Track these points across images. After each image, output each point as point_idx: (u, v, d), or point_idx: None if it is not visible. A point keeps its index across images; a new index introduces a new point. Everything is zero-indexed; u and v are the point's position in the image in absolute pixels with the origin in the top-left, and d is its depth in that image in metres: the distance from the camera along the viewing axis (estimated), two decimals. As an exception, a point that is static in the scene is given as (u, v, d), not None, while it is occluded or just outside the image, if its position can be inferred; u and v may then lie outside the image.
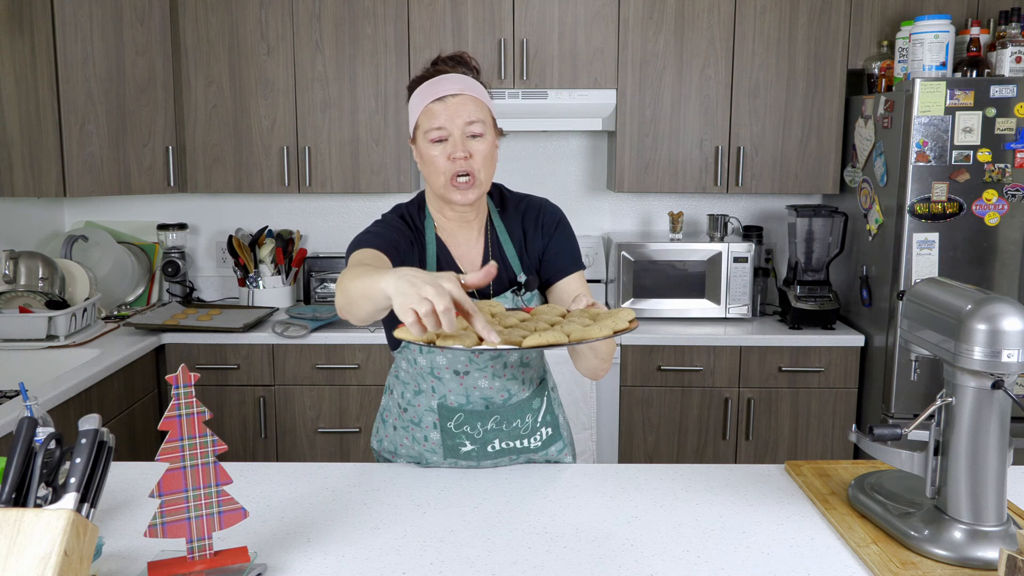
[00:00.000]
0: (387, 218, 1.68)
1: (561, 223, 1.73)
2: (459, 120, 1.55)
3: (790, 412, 3.17)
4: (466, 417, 1.69)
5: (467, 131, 1.56)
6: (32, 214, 3.44)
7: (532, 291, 1.69)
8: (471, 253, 1.69)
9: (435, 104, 1.55)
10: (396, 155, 3.32)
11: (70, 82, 3.06)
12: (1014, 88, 2.74)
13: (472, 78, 1.61)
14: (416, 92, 1.61)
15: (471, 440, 1.71)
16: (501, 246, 1.70)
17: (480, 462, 1.74)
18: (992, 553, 1.32)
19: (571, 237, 1.73)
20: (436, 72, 1.60)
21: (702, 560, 1.38)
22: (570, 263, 1.70)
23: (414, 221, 1.68)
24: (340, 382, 3.15)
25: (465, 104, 1.56)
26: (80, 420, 1.21)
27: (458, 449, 1.72)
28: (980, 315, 1.31)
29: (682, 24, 3.24)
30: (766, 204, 3.68)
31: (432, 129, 1.56)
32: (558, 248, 1.70)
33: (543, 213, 1.73)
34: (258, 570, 1.31)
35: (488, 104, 1.61)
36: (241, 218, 3.71)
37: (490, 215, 1.72)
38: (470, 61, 1.64)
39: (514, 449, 1.75)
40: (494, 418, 1.70)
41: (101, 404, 2.65)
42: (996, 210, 2.81)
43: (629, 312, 1.34)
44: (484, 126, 1.58)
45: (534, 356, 1.72)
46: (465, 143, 1.56)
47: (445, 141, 1.56)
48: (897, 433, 1.44)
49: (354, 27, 3.26)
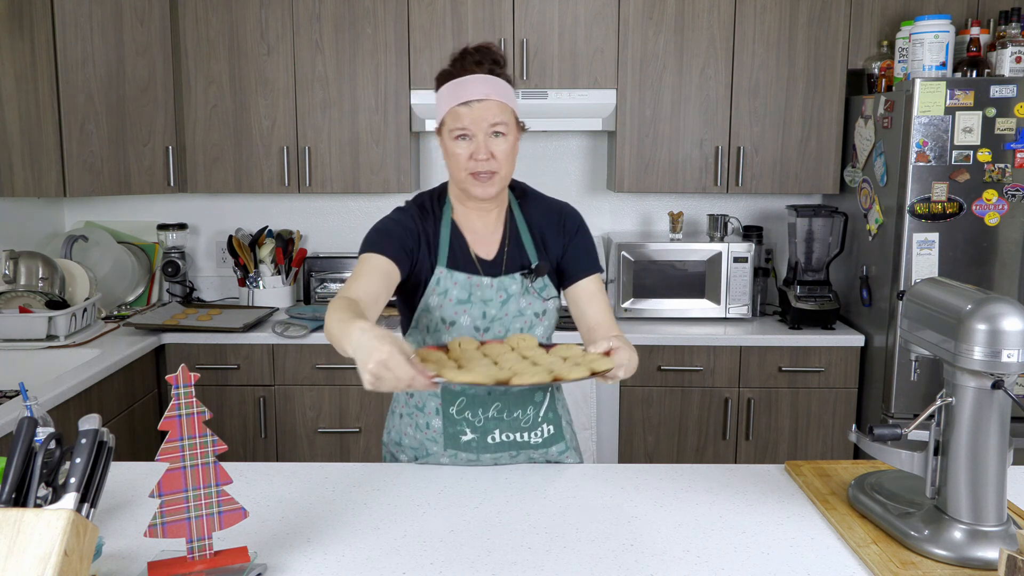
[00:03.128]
0: (404, 209, 1.73)
1: (581, 227, 1.78)
2: (483, 124, 1.61)
3: (790, 412, 3.17)
4: (468, 402, 1.71)
5: (490, 131, 1.62)
6: (32, 214, 3.44)
7: (542, 276, 1.71)
8: (487, 239, 1.73)
9: (461, 107, 1.61)
10: (396, 155, 3.32)
11: (70, 82, 3.06)
12: (1014, 88, 2.74)
13: (498, 75, 1.66)
14: (444, 88, 1.65)
15: (471, 428, 1.72)
16: (519, 233, 1.74)
17: (480, 455, 1.74)
18: (992, 553, 1.32)
19: (590, 241, 1.78)
20: (463, 71, 1.64)
21: (702, 560, 1.38)
22: (588, 266, 1.75)
23: (432, 209, 1.73)
24: (340, 382, 3.15)
25: (489, 108, 1.61)
26: (80, 420, 1.21)
27: (458, 438, 1.73)
28: (980, 315, 1.31)
29: (682, 24, 3.24)
30: (766, 204, 3.68)
31: (457, 128, 1.62)
32: (577, 251, 1.75)
33: (565, 217, 1.78)
34: (258, 570, 1.31)
35: (511, 104, 1.66)
36: (241, 218, 3.71)
37: (510, 206, 1.76)
38: (496, 53, 1.68)
39: (514, 443, 1.75)
40: (495, 405, 1.72)
41: (101, 404, 2.65)
42: (996, 210, 2.81)
43: (609, 362, 1.44)
44: (507, 126, 1.63)
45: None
46: (488, 143, 1.62)
47: (469, 138, 1.62)
48: (897, 433, 1.44)
49: (354, 27, 3.26)
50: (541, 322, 1.72)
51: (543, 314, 1.72)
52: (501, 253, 1.72)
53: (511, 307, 1.69)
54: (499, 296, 1.69)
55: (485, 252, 1.72)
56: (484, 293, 1.68)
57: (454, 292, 1.67)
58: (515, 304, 1.69)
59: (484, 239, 1.73)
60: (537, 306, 1.71)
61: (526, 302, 1.70)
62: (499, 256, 1.72)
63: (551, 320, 1.74)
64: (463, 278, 1.68)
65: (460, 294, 1.68)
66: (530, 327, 1.71)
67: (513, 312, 1.69)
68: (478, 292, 1.68)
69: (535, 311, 1.71)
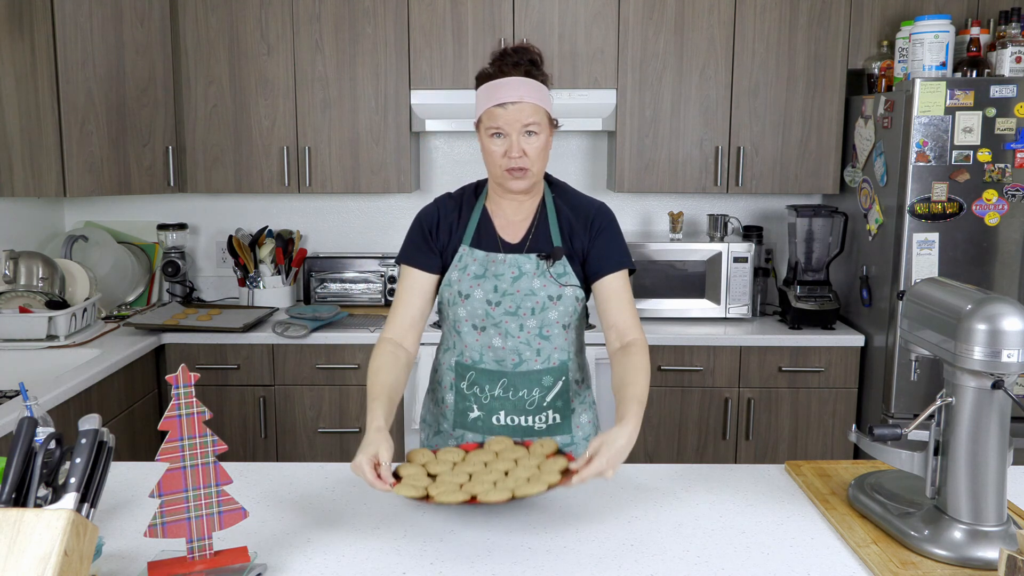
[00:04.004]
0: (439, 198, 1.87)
1: (610, 225, 1.81)
2: (517, 124, 1.69)
3: (790, 412, 3.17)
4: (477, 376, 1.80)
5: (523, 131, 1.69)
6: (32, 214, 3.44)
7: (559, 259, 1.76)
8: (516, 225, 1.81)
9: (496, 108, 1.69)
10: (396, 155, 3.32)
11: (70, 82, 3.06)
12: (1014, 88, 2.74)
13: (536, 76, 1.72)
14: (482, 88, 1.73)
15: (479, 405, 1.80)
16: (547, 222, 1.80)
17: (485, 436, 1.80)
18: (992, 553, 1.32)
19: (618, 239, 1.81)
20: (501, 72, 1.71)
21: (702, 560, 1.38)
22: (612, 263, 1.77)
23: (468, 196, 1.85)
24: (340, 382, 3.15)
25: (523, 110, 1.68)
26: (80, 420, 1.21)
27: (467, 415, 1.82)
28: (980, 315, 1.31)
29: (682, 24, 3.24)
30: (766, 204, 3.68)
31: (492, 127, 1.70)
32: (602, 248, 1.78)
33: (595, 213, 1.82)
34: (258, 570, 1.31)
35: (545, 104, 1.73)
36: (241, 218, 3.71)
37: (544, 197, 1.83)
38: (534, 53, 1.74)
39: (518, 428, 1.79)
40: (502, 382, 1.78)
41: (101, 404, 2.65)
42: (996, 210, 2.81)
43: (563, 462, 1.51)
44: (539, 125, 1.71)
45: (556, 333, 1.78)
46: (521, 141, 1.69)
47: (503, 136, 1.70)
48: (897, 433, 1.44)
49: (354, 27, 3.26)
50: (555, 306, 1.76)
51: (558, 299, 1.75)
52: (527, 237, 1.80)
53: (522, 284, 1.75)
54: (511, 272, 1.76)
55: (511, 236, 1.80)
56: (498, 268, 1.76)
57: (472, 267, 1.78)
58: (527, 283, 1.75)
59: (513, 224, 1.81)
60: (552, 289, 1.75)
61: (540, 283, 1.75)
62: (524, 240, 1.80)
63: (567, 307, 1.77)
64: (482, 255, 1.78)
65: (477, 269, 1.78)
66: (542, 308, 1.75)
67: (525, 290, 1.75)
68: (493, 267, 1.77)
69: (549, 294, 1.75)
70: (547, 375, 1.79)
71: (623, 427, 1.52)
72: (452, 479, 1.50)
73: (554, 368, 1.79)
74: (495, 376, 1.79)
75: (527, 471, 1.50)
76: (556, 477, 1.45)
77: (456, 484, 1.48)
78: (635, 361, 1.66)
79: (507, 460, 1.57)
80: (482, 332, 1.78)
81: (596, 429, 1.90)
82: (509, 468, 1.54)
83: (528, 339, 1.77)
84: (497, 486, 1.45)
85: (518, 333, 1.76)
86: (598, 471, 1.45)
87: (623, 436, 1.50)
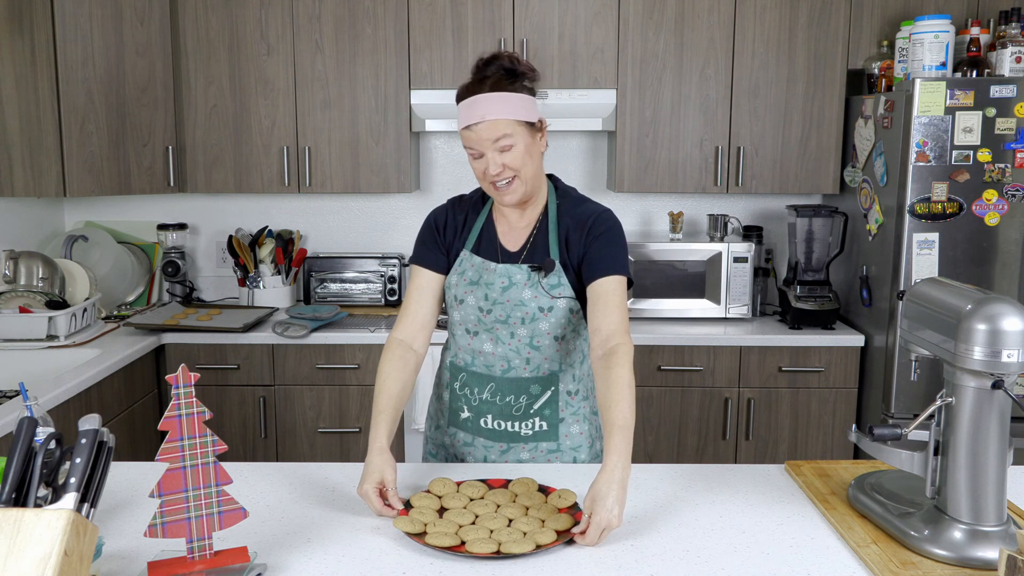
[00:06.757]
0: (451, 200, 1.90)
1: (609, 231, 1.76)
2: (487, 143, 1.68)
3: (790, 412, 3.17)
4: (468, 378, 1.83)
5: (495, 147, 1.68)
6: (32, 214, 3.44)
7: (551, 271, 1.74)
8: (518, 233, 1.82)
9: (466, 131, 1.69)
10: (396, 155, 3.32)
11: (70, 82, 3.06)
12: (1014, 88, 2.74)
13: (503, 87, 1.68)
14: (459, 107, 1.72)
15: (468, 406, 1.83)
16: (547, 232, 1.79)
17: (475, 438, 1.83)
18: (992, 553, 1.32)
19: (614, 244, 1.75)
20: (469, 91, 1.69)
21: (702, 560, 1.38)
22: (604, 267, 1.71)
23: (475, 200, 1.87)
24: (340, 382, 3.15)
25: (489, 128, 1.66)
26: (80, 420, 1.21)
27: (458, 414, 1.85)
28: (980, 315, 1.31)
29: (682, 24, 3.24)
30: (766, 204, 3.68)
31: (468, 147, 1.72)
32: (596, 251, 1.74)
33: (594, 219, 1.77)
34: (258, 570, 1.31)
35: (515, 115, 1.67)
36: (241, 218, 3.71)
37: (548, 205, 1.82)
38: (505, 59, 1.70)
39: (505, 433, 1.80)
40: (490, 386, 1.80)
41: (101, 404, 2.65)
42: (996, 210, 2.81)
43: (551, 535, 1.42)
44: (513, 136, 1.68)
45: (547, 344, 1.77)
46: (496, 158, 1.68)
47: (481, 156, 1.70)
48: (897, 433, 1.44)
49: (354, 27, 3.26)
50: (546, 317, 1.75)
51: (549, 310, 1.75)
52: (525, 246, 1.80)
53: (512, 295, 1.75)
54: (501, 282, 1.76)
55: (512, 244, 1.81)
56: (489, 277, 1.77)
57: (469, 273, 1.80)
58: (517, 293, 1.75)
59: (515, 232, 1.82)
60: (543, 301, 1.75)
61: (531, 294, 1.74)
62: (522, 249, 1.80)
63: (559, 319, 1.75)
64: (479, 261, 1.80)
65: (472, 275, 1.79)
66: (532, 319, 1.75)
67: (515, 300, 1.75)
68: (485, 276, 1.78)
69: (540, 305, 1.75)
70: (535, 384, 1.79)
71: (610, 472, 1.43)
72: (456, 519, 1.47)
73: (543, 378, 1.78)
74: (484, 380, 1.81)
75: (530, 524, 1.46)
76: (549, 538, 1.40)
77: (454, 525, 1.46)
78: (616, 375, 1.56)
79: (518, 507, 1.53)
80: (474, 337, 1.80)
81: (592, 441, 1.86)
82: (516, 516, 1.50)
83: (518, 347, 1.77)
84: (493, 535, 1.42)
85: (509, 340, 1.77)
86: (592, 543, 1.40)
87: (612, 486, 1.41)
